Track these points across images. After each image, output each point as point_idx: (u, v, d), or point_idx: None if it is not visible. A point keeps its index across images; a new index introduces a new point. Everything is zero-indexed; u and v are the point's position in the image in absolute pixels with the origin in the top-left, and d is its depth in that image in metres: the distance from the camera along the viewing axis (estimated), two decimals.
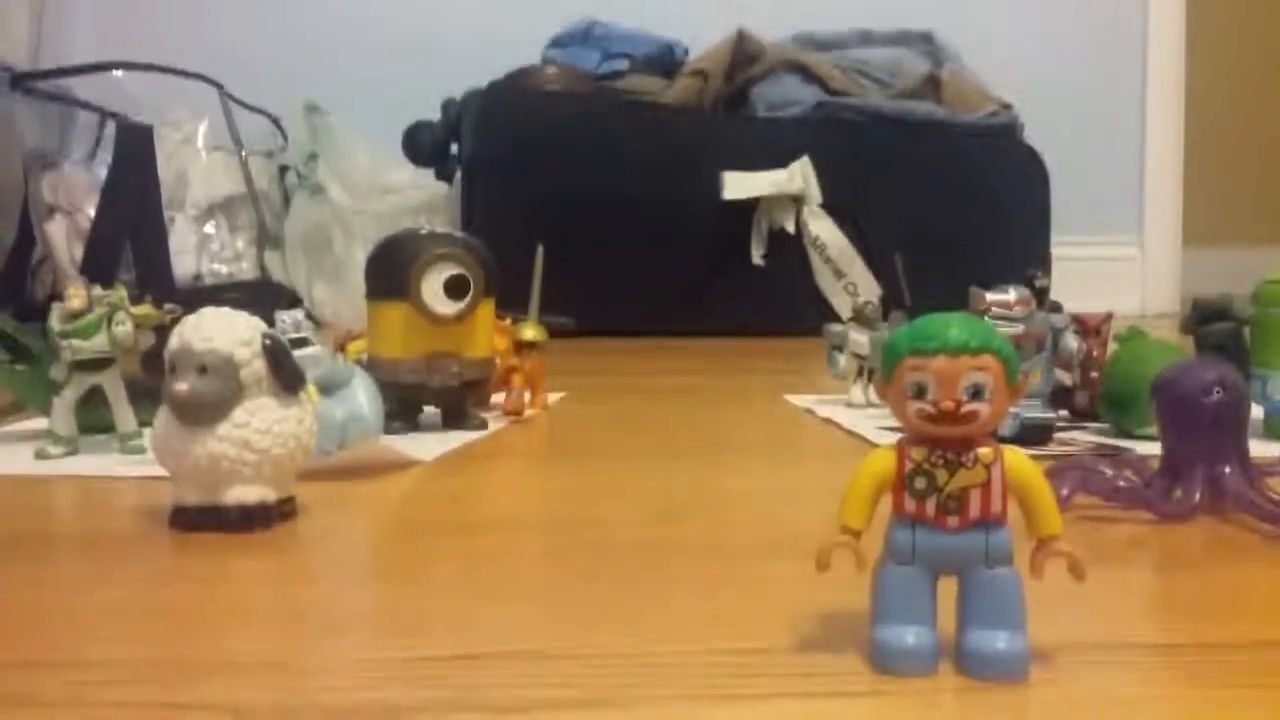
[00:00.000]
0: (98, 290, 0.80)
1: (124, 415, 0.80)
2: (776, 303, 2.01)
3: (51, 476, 0.75)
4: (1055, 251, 2.10)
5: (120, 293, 0.80)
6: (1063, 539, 0.39)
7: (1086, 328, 0.91)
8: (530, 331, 1.03)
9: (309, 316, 1.04)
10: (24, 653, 0.42)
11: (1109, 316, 0.94)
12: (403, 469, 0.77)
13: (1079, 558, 0.39)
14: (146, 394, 0.75)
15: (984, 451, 0.39)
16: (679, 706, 0.37)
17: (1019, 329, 0.81)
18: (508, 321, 1.03)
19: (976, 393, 0.38)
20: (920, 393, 0.38)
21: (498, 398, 1.03)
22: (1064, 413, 0.90)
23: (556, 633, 0.44)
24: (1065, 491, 0.60)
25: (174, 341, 0.59)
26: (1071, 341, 0.88)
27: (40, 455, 0.78)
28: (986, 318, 0.81)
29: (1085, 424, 0.91)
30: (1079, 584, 0.39)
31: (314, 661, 0.42)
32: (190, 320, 0.60)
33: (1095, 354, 0.90)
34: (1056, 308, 0.97)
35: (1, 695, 0.37)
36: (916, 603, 0.39)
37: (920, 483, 0.39)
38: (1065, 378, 0.89)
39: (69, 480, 0.74)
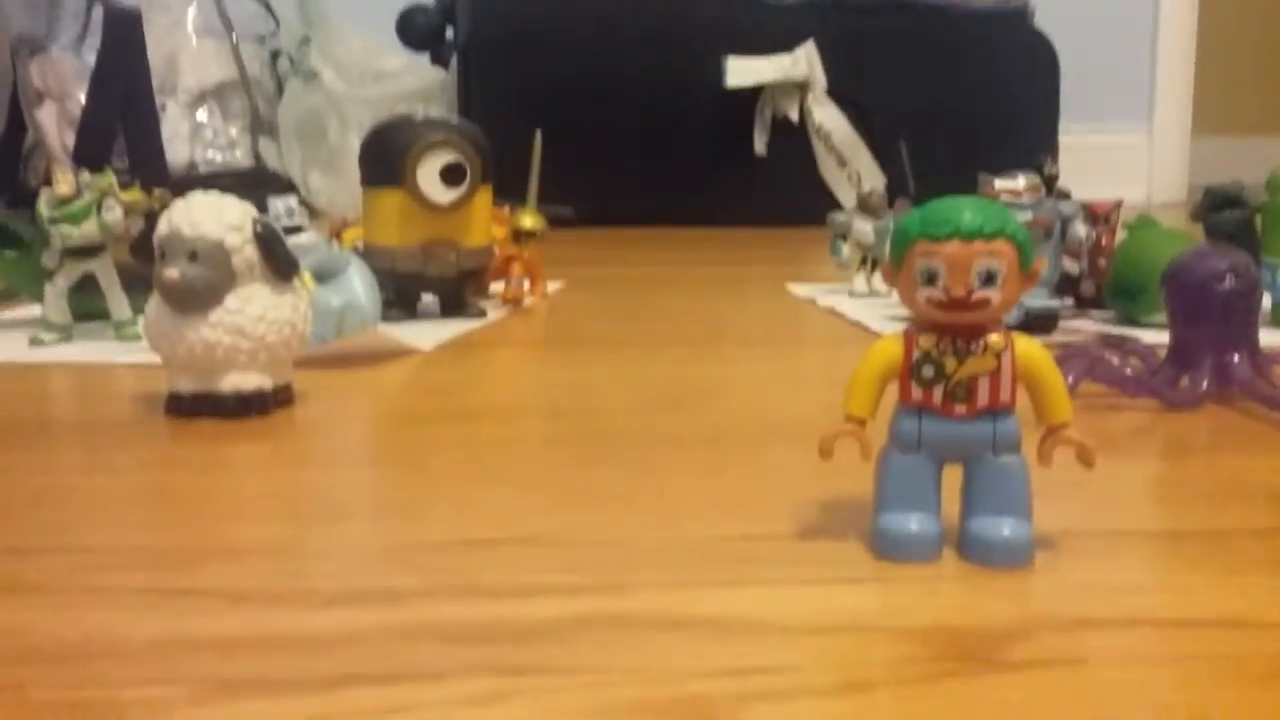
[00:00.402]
0: (86, 176, 0.78)
1: (117, 302, 0.79)
2: (779, 192, 1.98)
3: (46, 364, 0.74)
4: (1063, 139, 2.07)
5: (109, 178, 0.79)
6: (1072, 427, 0.39)
7: (1095, 215, 0.89)
8: (529, 220, 1.01)
9: (303, 204, 1.02)
10: (20, 538, 0.41)
11: (1118, 204, 0.92)
12: (401, 357, 0.76)
13: (1089, 445, 0.39)
14: (139, 281, 0.74)
15: (994, 339, 0.38)
16: (679, 592, 0.36)
17: (1028, 216, 0.80)
18: (506, 210, 1.01)
19: (989, 279, 0.37)
20: (931, 279, 0.37)
21: (496, 287, 1.02)
22: (1069, 301, 0.89)
23: (556, 519, 0.44)
24: (1071, 379, 0.59)
25: (163, 227, 0.58)
26: (1080, 229, 0.86)
27: (34, 342, 0.78)
28: None
29: (1090, 312, 0.90)
30: (1086, 472, 0.39)
31: (313, 547, 0.41)
32: (179, 206, 0.58)
33: (1104, 242, 0.88)
34: (1065, 195, 0.95)
35: None
36: (921, 490, 0.39)
37: (928, 371, 0.38)
38: (1072, 266, 0.88)
39: (63, 367, 0.73)
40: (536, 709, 0.28)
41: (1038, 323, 0.82)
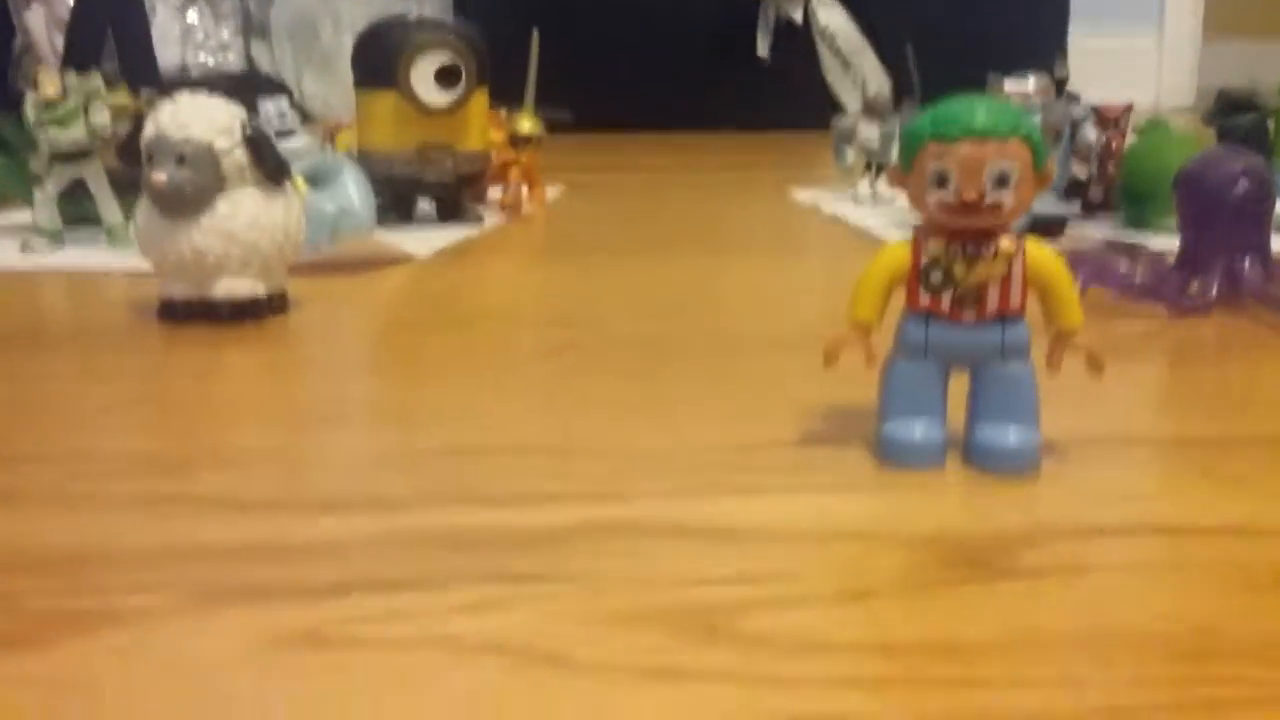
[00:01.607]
0: (73, 78, 0.76)
1: (108, 207, 0.78)
2: (783, 96, 1.94)
3: (37, 270, 0.73)
4: (1071, 42, 2.02)
5: (95, 80, 0.77)
6: (1082, 333, 0.38)
7: (1105, 119, 0.87)
8: (526, 123, 0.99)
9: (296, 107, 1.00)
10: (15, 446, 0.41)
11: (1129, 108, 0.90)
12: (396, 264, 0.75)
13: (1098, 352, 0.38)
14: (131, 185, 0.73)
15: (1005, 244, 0.37)
16: (678, 500, 0.36)
17: (1036, 119, 0.78)
18: (503, 113, 0.99)
19: (1002, 181, 0.35)
20: (942, 182, 0.36)
21: (494, 192, 1.01)
22: (1077, 206, 0.88)
23: (554, 427, 0.43)
24: (1079, 284, 0.58)
25: (150, 130, 0.56)
26: (1090, 133, 0.84)
27: (25, 249, 0.76)
28: None
29: (1099, 217, 0.89)
30: (1094, 378, 0.38)
31: (307, 454, 0.41)
32: (166, 108, 0.57)
33: (1114, 146, 0.86)
34: (1075, 98, 0.93)
35: None
36: (926, 397, 0.38)
37: (936, 276, 0.37)
38: (1080, 170, 0.86)
39: (55, 274, 0.72)
40: (535, 616, 0.28)
41: (1045, 228, 0.80)
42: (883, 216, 0.93)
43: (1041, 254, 0.37)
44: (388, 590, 0.30)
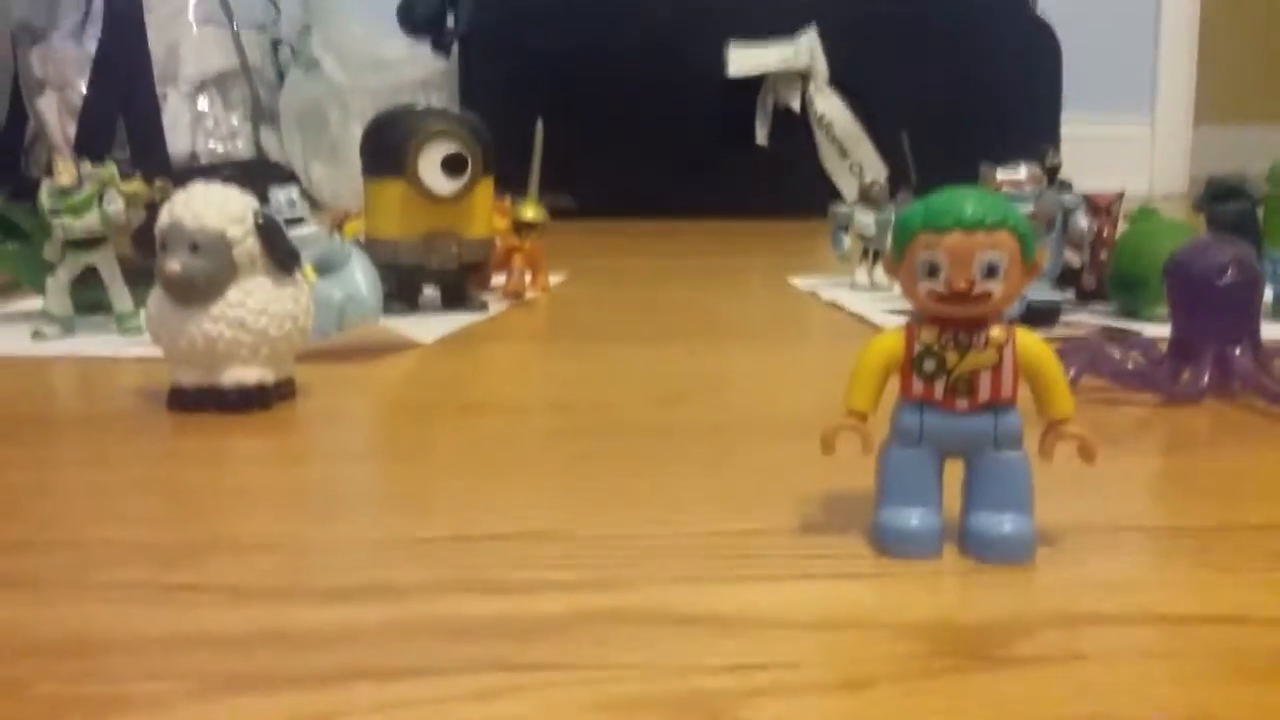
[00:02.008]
0: (87, 166, 0.78)
1: (119, 295, 0.79)
2: (781, 183, 1.97)
3: (48, 357, 0.74)
4: (1065, 130, 2.06)
5: (110, 169, 0.79)
6: (1073, 421, 0.39)
7: (1097, 207, 0.89)
8: (531, 211, 1.01)
9: (305, 195, 1.02)
10: (21, 532, 0.42)
11: (1120, 195, 0.92)
12: (403, 350, 0.76)
13: (1090, 439, 0.38)
14: (141, 273, 0.74)
15: (995, 333, 0.38)
16: (681, 588, 0.36)
17: (1029, 207, 0.80)
18: (507, 201, 1.01)
19: (991, 271, 0.36)
20: (932, 272, 0.37)
21: (498, 279, 1.02)
22: (1071, 294, 0.89)
23: (559, 514, 0.44)
24: (1073, 372, 0.59)
25: (164, 218, 0.58)
26: (1082, 221, 0.86)
27: (36, 336, 0.78)
28: None
29: (1092, 305, 0.90)
30: (1087, 467, 0.38)
31: (314, 541, 0.41)
32: (180, 197, 0.58)
33: (1105, 233, 0.88)
34: (1067, 186, 0.95)
35: None
36: (922, 485, 0.39)
37: (929, 365, 0.38)
38: (1074, 258, 0.88)
39: (65, 361, 0.73)
40: (539, 705, 0.29)
41: (1039, 316, 0.81)
42: (880, 303, 0.95)
43: (1031, 342, 0.38)
44: (393, 679, 0.30)
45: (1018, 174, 0.82)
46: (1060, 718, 0.28)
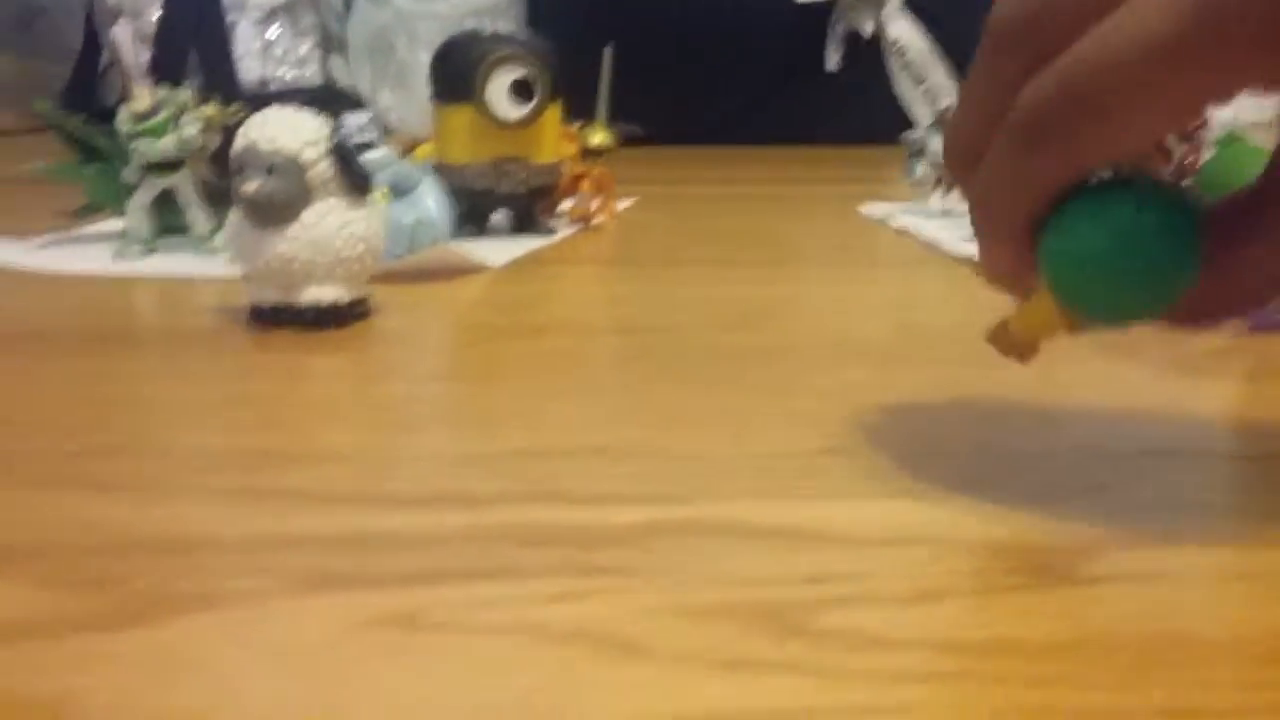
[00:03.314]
0: (163, 92, 0.79)
1: (197, 217, 0.81)
2: (852, 110, 1.94)
3: (130, 277, 0.76)
4: None
5: (185, 94, 0.80)
6: None
7: (1181, 134, 0.87)
8: (599, 137, 1.00)
9: (375, 121, 1.02)
10: (113, 439, 0.43)
11: (1205, 121, 0.89)
12: (472, 273, 0.77)
13: None
14: (219, 195, 0.76)
15: None
16: (750, 503, 0.37)
17: None
18: (575, 127, 1.01)
19: None
20: None
21: (566, 204, 1.02)
22: None
23: (628, 432, 0.44)
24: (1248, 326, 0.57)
25: (240, 141, 0.59)
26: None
27: (118, 256, 0.80)
28: None
29: None
30: (1169, 392, 0.38)
31: (391, 453, 0.42)
32: (255, 120, 0.59)
33: (1188, 161, 0.85)
34: None
35: (89, 479, 0.39)
36: None
37: None
38: None
39: (147, 280, 0.75)
40: (613, 608, 0.29)
41: None
42: (952, 231, 0.93)
43: None
44: (472, 581, 0.31)
45: None
46: (1129, 633, 0.28)
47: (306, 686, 0.26)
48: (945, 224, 0.98)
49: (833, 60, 2.02)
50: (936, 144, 1.01)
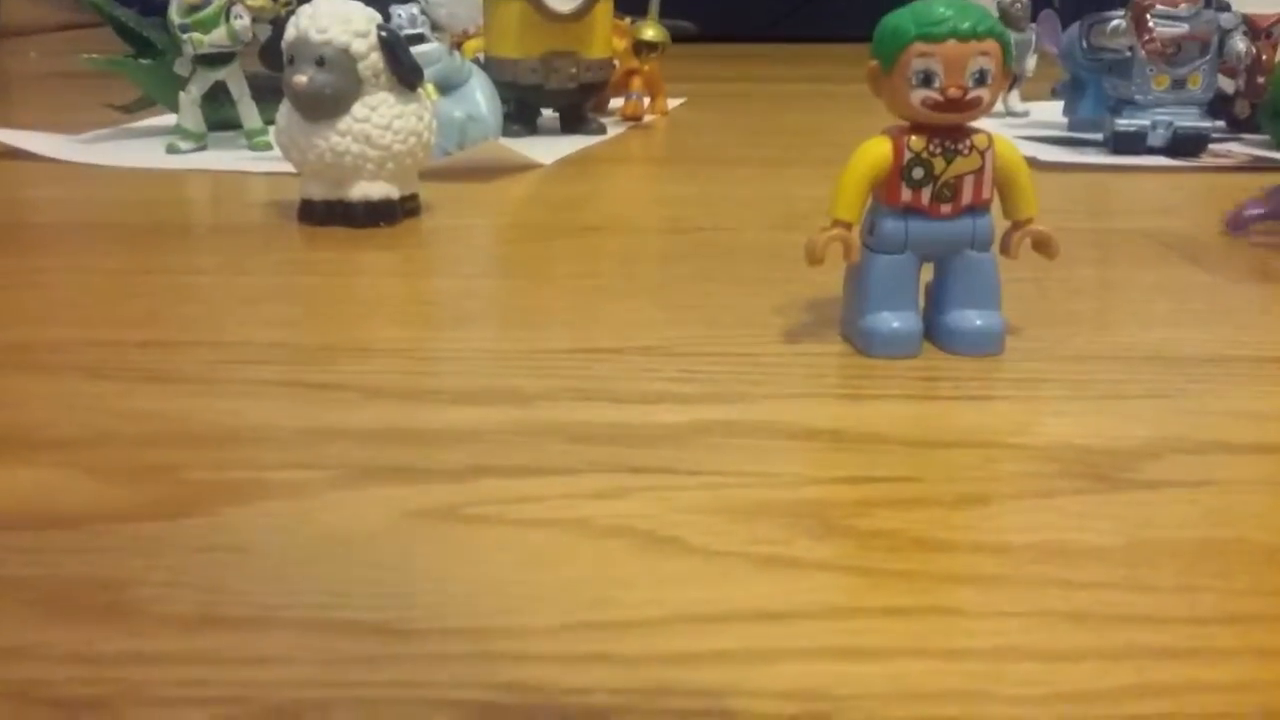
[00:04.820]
0: None
1: (248, 111, 0.81)
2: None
3: (182, 170, 0.76)
4: None
5: None
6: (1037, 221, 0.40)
7: (1257, 29, 0.83)
8: (651, 32, 0.98)
9: (424, 14, 1.01)
10: (166, 332, 0.44)
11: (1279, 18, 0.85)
12: (522, 171, 0.77)
13: (1052, 236, 0.40)
14: (270, 90, 0.75)
15: (979, 138, 0.39)
16: (798, 403, 0.37)
17: (1183, 29, 0.75)
18: (627, 22, 0.99)
19: (981, 78, 0.38)
20: (927, 80, 0.38)
21: (616, 102, 1.01)
22: (1220, 123, 0.84)
23: (676, 331, 0.44)
24: (1260, 211, 0.56)
25: (290, 32, 0.58)
26: (1239, 43, 0.80)
27: (171, 149, 0.80)
28: (1149, 16, 0.75)
29: (1243, 135, 0.85)
30: (1229, 300, 0.37)
31: (440, 349, 0.43)
32: (306, 11, 0.58)
33: (1265, 58, 0.82)
34: (1225, 6, 0.88)
35: (143, 371, 0.39)
36: (904, 290, 0.40)
37: (918, 172, 0.39)
38: (1228, 84, 0.82)
39: (199, 174, 0.76)
40: (658, 505, 0.29)
41: (1186, 145, 0.78)
42: (1009, 129, 0.91)
43: (1007, 147, 0.40)
44: (518, 475, 0.31)
45: None
46: (1182, 538, 0.28)
47: (354, 574, 0.26)
48: (1003, 121, 0.96)
49: None
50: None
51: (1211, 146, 0.80)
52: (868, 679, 0.22)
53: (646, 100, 1.00)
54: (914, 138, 0.39)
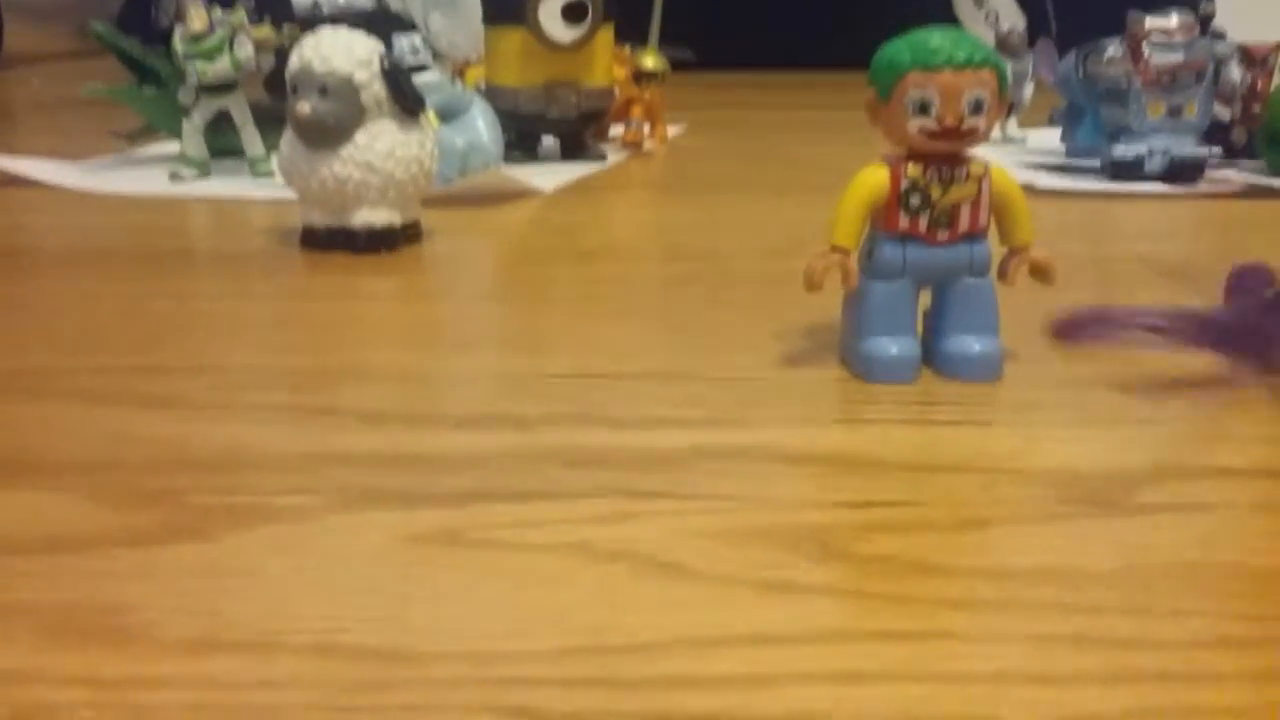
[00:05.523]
0: (218, 13, 0.79)
1: (251, 139, 0.81)
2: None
3: (185, 197, 0.77)
4: None
5: (240, 15, 0.80)
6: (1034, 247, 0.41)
7: (1252, 58, 0.84)
8: (650, 60, 0.99)
9: (426, 44, 1.02)
10: (169, 358, 0.44)
11: (1278, 46, 0.86)
12: (523, 198, 0.77)
13: (1051, 262, 0.41)
14: (273, 117, 0.76)
15: (976, 166, 0.40)
16: (797, 428, 0.37)
17: (1179, 57, 0.75)
18: (627, 50, 1.00)
19: (977, 107, 0.38)
20: (923, 109, 0.38)
21: (617, 129, 1.02)
22: (1217, 150, 0.85)
23: (676, 356, 0.44)
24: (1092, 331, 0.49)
25: (294, 62, 0.59)
26: (1235, 72, 0.81)
27: (174, 177, 0.80)
28: (1145, 44, 0.75)
29: (1240, 162, 0.85)
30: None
31: (442, 374, 0.43)
32: (309, 41, 0.59)
33: (1259, 86, 0.83)
34: (1220, 35, 0.89)
35: (146, 396, 0.40)
36: (902, 316, 0.41)
37: (915, 199, 0.39)
38: (1224, 112, 0.83)
39: (202, 201, 0.76)
40: (658, 530, 0.30)
41: (1183, 172, 0.78)
42: (1009, 156, 0.91)
43: (1003, 175, 0.41)
44: (520, 499, 0.31)
45: (1168, 22, 0.77)
46: (1178, 562, 0.28)
47: (354, 599, 0.26)
48: (1003, 150, 0.96)
49: None
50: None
51: (1208, 173, 0.80)
52: (867, 703, 0.22)
53: (646, 128, 1.01)
54: (911, 165, 0.40)
